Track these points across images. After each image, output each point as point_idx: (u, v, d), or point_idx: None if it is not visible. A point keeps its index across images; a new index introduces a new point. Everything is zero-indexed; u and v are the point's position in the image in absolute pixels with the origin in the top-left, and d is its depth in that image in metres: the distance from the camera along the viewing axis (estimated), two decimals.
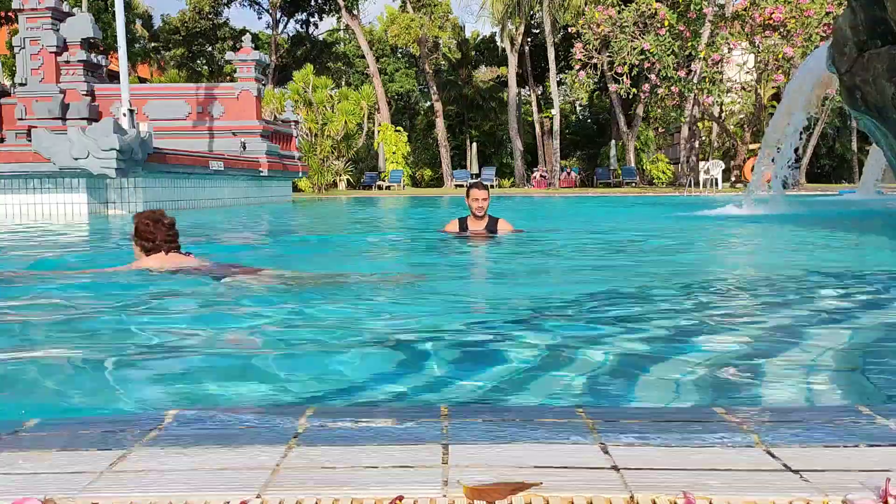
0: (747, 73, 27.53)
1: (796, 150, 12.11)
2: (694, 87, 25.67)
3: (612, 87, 27.85)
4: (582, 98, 30.05)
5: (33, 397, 2.32)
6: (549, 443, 1.40)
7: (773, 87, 27.63)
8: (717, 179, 26.40)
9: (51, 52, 17.87)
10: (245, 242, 8.68)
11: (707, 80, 25.57)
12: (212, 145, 18.52)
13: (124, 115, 13.60)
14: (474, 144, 37.51)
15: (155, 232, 4.53)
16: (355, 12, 38.97)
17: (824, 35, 22.06)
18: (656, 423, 1.53)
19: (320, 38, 45.14)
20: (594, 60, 27.14)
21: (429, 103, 41.69)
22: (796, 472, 1.26)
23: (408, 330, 3.18)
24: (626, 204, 18.55)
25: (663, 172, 32.87)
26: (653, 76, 25.76)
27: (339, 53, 44.22)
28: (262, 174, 18.92)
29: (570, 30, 29.28)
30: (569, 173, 34.09)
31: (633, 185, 31.23)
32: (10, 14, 27.96)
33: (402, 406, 2.11)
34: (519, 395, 2.24)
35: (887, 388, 2.34)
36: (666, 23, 25.34)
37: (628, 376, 2.43)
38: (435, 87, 37.65)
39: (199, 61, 42.94)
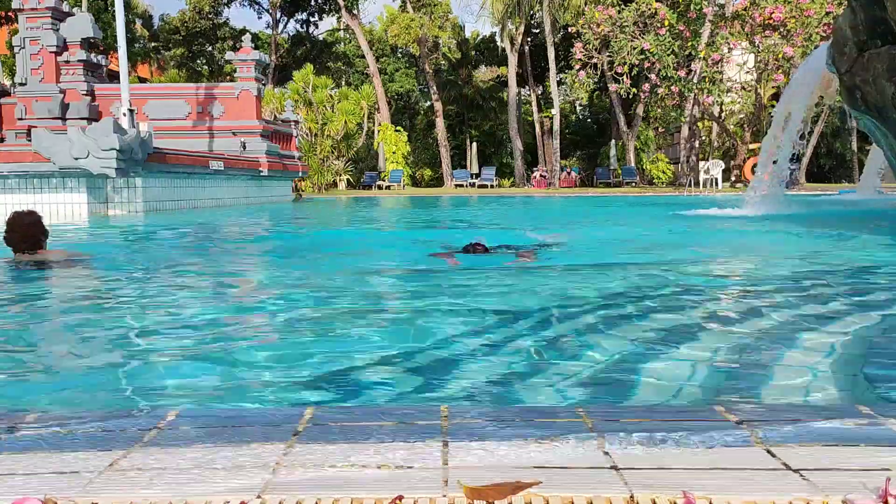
0: (747, 72, 27.52)
1: (796, 150, 12.10)
2: (694, 87, 25.67)
3: (612, 86, 27.84)
4: (582, 98, 30.04)
5: None
6: (548, 442, 1.40)
7: (773, 87, 27.61)
8: (717, 179, 26.40)
9: (51, 52, 17.86)
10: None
11: (707, 79, 25.56)
12: (212, 145, 18.51)
13: (124, 114, 13.60)
14: (474, 144, 37.50)
15: (7, 235, 5.26)
16: (355, 12, 38.95)
17: (824, 35, 22.06)
18: (656, 423, 1.53)
19: (320, 37, 45.12)
20: (594, 60, 27.13)
21: (429, 103, 41.68)
22: (796, 471, 1.26)
23: (403, 333, 3.18)
24: (627, 204, 18.55)
25: (663, 172, 32.86)
26: (653, 76, 25.76)
27: (339, 53, 44.21)
28: (262, 174, 18.91)
29: (570, 29, 29.27)
30: (569, 173, 34.07)
31: (633, 184, 31.22)
32: (10, 14, 27.95)
33: (402, 406, 2.11)
34: (519, 395, 2.24)
35: (887, 388, 2.34)
36: (666, 22, 25.34)
37: (628, 376, 2.43)
38: (435, 87, 37.64)
39: (199, 61, 42.92)
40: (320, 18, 44.44)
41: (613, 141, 34.81)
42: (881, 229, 8.90)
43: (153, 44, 41.47)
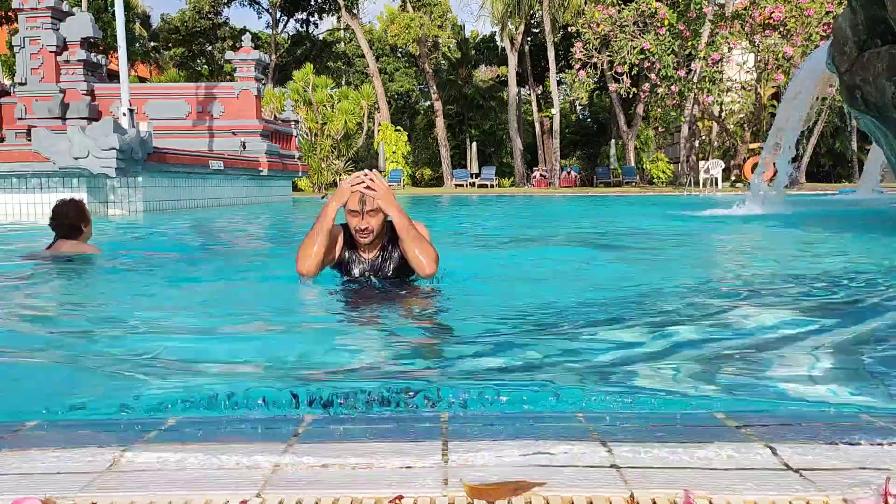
0: (747, 72, 27.51)
1: (797, 149, 12.11)
2: (694, 87, 25.66)
3: (612, 86, 27.84)
4: (582, 97, 30.04)
5: None
6: (549, 442, 1.40)
7: (772, 87, 27.62)
8: (716, 179, 26.40)
9: (51, 52, 17.86)
10: None
11: (707, 79, 25.56)
12: (212, 145, 18.50)
13: (124, 114, 13.59)
14: (474, 144, 37.50)
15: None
16: (355, 11, 38.97)
17: (824, 34, 22.04)
18: (656, 423, 1.53)
19: (320, 37, 45.14)
20: (594, 60, 27.13)
21: (429, 103, 41.69)
22: (796, 471, 1.26)
23: (404, 328, 3.18)
24: (627, 203, 18.55)
25: (663, 172, 32.87)
26: (653, 76, 25.75)
27: (339, 53, 44.22)
28: (262, 174, 18.91)
29: (569, 29, 29.29)
30: (569, 173, 34.10)
31: (633, 184, 31.24)
32: (10, 14, 27.96)
33: (402, 407, 2.11)
34: (519, 395, 2.24)
35: (887, 388, 2.34)
36: (666, 22, 25.34)
37: (627, 377, 2.43)
38: (435, 87, 37.64)
39: (198, 61, 42.94)
40: (320, 18, 44.50)
41: (613, 140, 34.83)
42: (881, 229, 8.91)
43: (153, 43, 41.48)
